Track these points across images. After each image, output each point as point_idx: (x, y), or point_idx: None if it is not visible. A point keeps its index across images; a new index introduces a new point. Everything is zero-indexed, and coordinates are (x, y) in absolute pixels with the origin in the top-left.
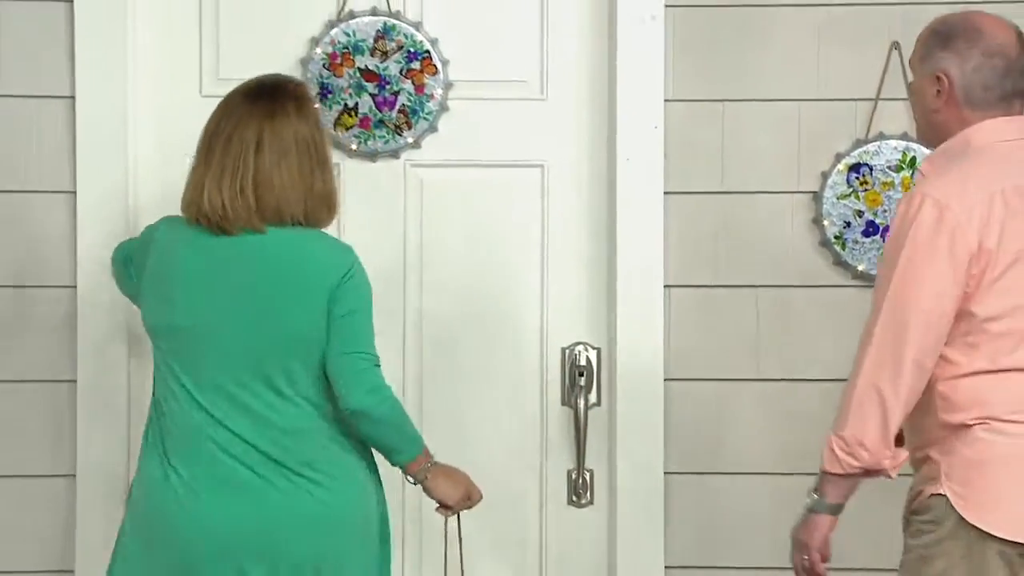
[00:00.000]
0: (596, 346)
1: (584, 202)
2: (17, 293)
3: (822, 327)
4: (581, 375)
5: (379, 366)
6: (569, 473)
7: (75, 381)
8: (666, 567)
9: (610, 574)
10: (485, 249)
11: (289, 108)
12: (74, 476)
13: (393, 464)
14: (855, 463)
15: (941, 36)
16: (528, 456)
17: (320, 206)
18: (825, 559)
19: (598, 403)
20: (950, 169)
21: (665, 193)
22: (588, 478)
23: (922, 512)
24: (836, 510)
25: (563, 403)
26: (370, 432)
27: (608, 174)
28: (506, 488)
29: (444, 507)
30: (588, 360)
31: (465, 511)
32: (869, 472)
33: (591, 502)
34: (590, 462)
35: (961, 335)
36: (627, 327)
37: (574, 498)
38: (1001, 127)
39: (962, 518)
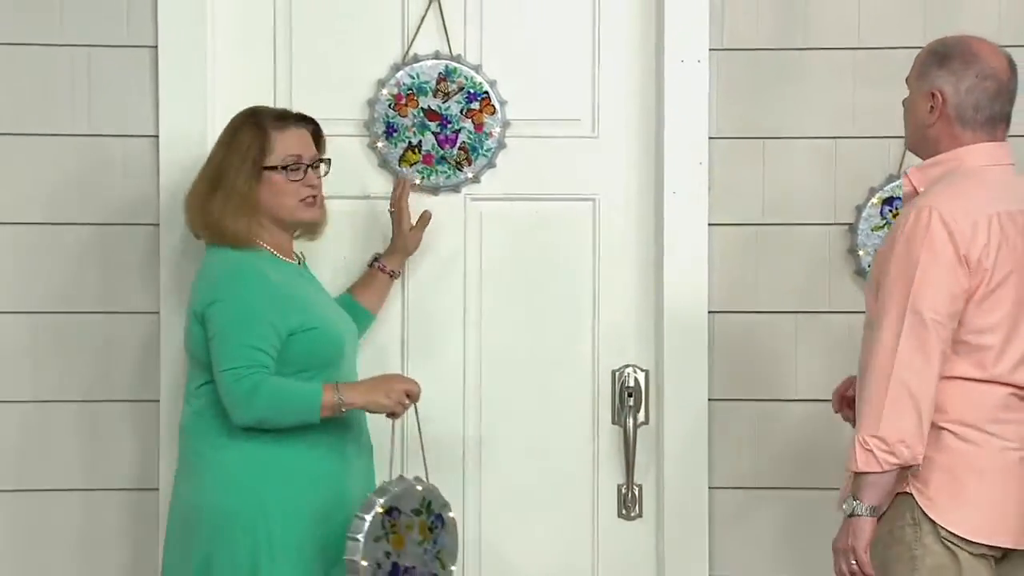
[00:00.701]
0: (644, 368)
1: (633, 233)
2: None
3: (857, 351)
4: (630, 395)
5: (241, 378)
6: (619, 488)
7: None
8: None
9: None
10: (540, 278)
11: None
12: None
13: (320, 421)
14: (895, 460)
15: (939, 56)
16: (580, 471)
17: (213, 225)
18: (866, 568)
19: (646, 422)
20: (949, 186)
21: (709, 225)
22: (637, 492)
23: (898, 515)
24: (876, 512)
25: (613, 422)
26: (275, 426)
27: (656, 207)
28: (560, 501)
29: (389, 415)
30: (637, 381)
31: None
32: (905, 467)
33: (640, 515)
34: (639, 477)
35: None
36: (673, 350)
37: (624, 511)
38: (993, 152)
39: (932, 521)
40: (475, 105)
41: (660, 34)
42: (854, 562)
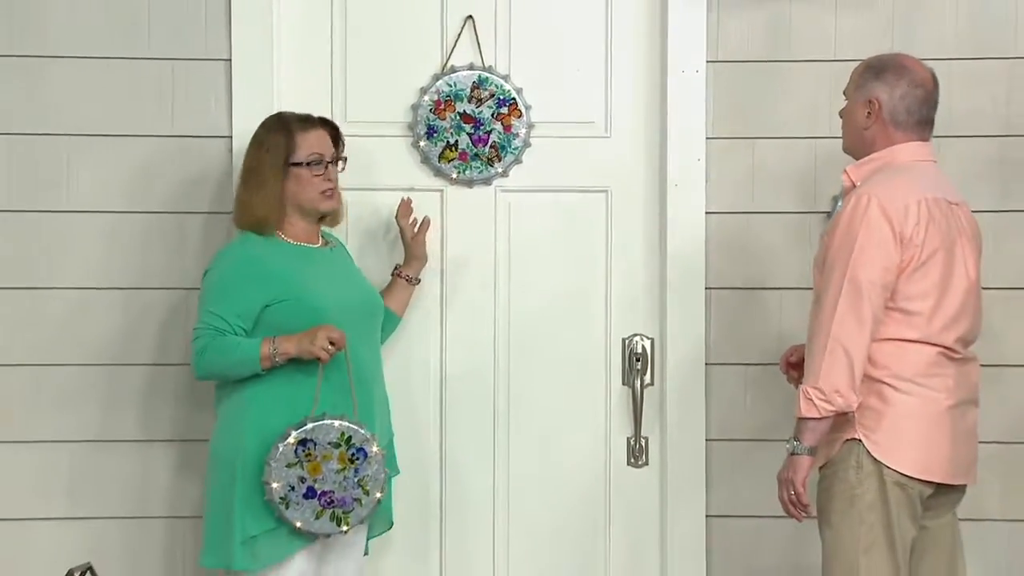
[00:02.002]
0: (650, 336)
1: (640, 220)
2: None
3: None
4: (638, 360)
5: (198, 330)
6: (628, 439)
7: None
8: (707, 516)
9: (661, 523)
10: (560, 258)
11: None
12: None
13: (263, 370)
14: (831, 408)
15: (875, 70)
16: (595, 426)
17: (237, 215)
18: (803, 499)
19: (652, 383)
20: (884, 177)
21: (706, 213)
22: (644, 444)
23: (842, 459)
24: (813, 451)
25: (623, 383)
26: (226, 377)
27: (660, 197)
28: (577, 451)
29: (318, 360)
30: (643, 348)
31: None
32: (839, 414)
33: (646, 463)
34: (645, 430)
35: (885, 308)
36: (675, 321)
37: (632, 460)
38: (919, 149)
39: (876, 460)
40: (504, 109)
41: (664, 48)
42: (793, 492)
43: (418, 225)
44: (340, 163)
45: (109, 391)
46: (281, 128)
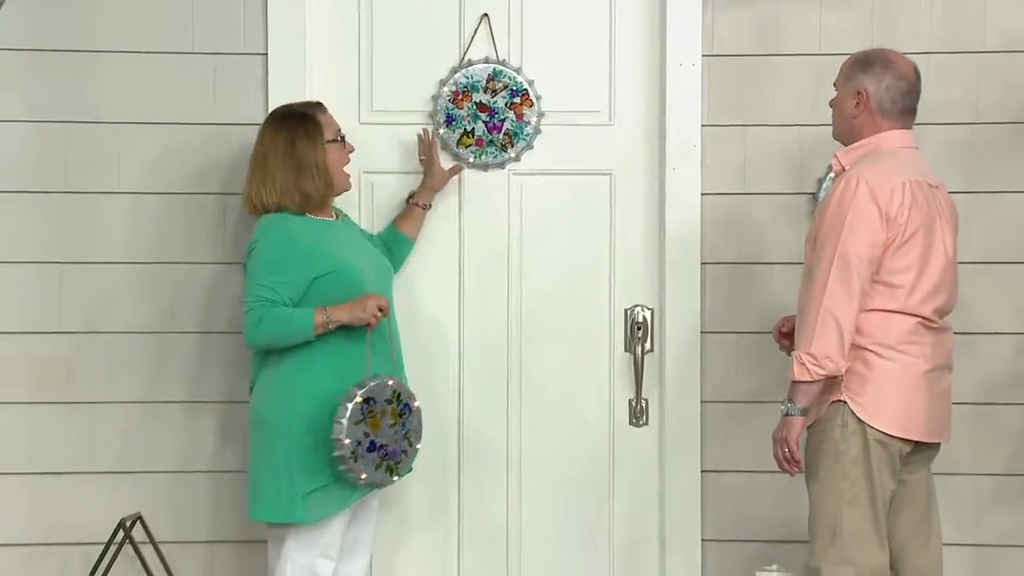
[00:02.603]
0: (650, 307)
1: (641, 201)
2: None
3: None
4: (639, 329)
5: (251, 304)
6: (630, 401)
7: None
8: (702, 471)
9: (660, 477)
10: (568, 236)
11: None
12: None
13: (316, 337)
14: (822, 371)
15: (863, 63)
16: (599, 389)
17: (259, 201)
18: (796, 455)
19: (651, 350)
20: (872, 162)
21: (702, 194)
22: (644, 405)
23: (829, 418)
24: (805, 412)
25: (625, 350)
26: (282, 345)
27: (659, 180)
28: (583, 413)
29: (367, 325)
30: (644, 318)
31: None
32: (830, 378)
33: (646, 423)
34: (646, 393)
35: (871, 282)
36: (673, 293)
37: (634, 420)
38: (903, 137)
39: (860, 420)
40: (517, 100)
41: (663, 43)
42: (787, 449)
43: (449, 167)
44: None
45: (158, 357)
46: (297, 116)
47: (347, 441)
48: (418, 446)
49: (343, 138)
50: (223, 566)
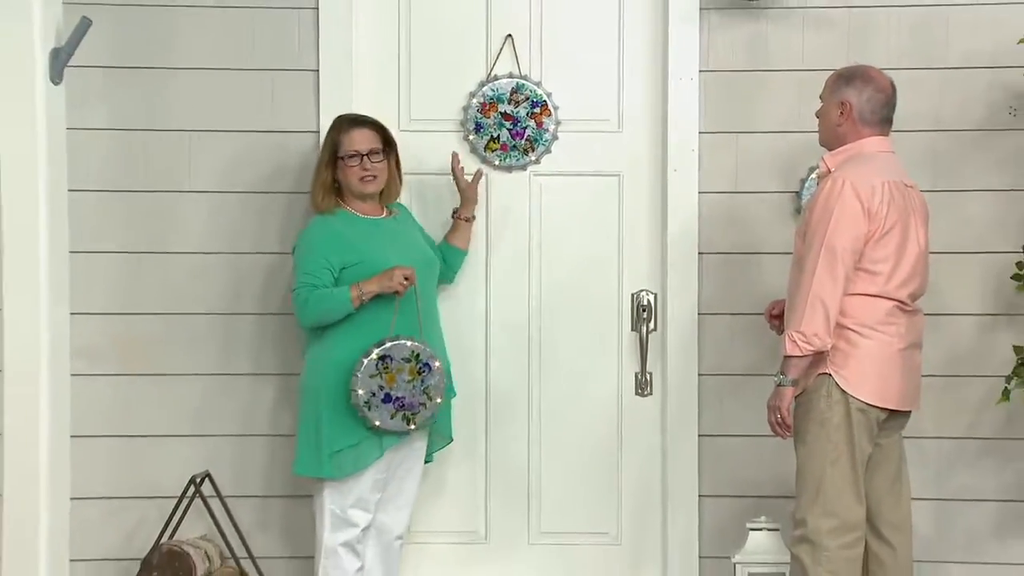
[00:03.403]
0: (654, 292)
1: (646, 199)
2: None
3: None
4: (644, 311)
5: (298, 288)
6: (636, 374)
7: None
8: (699, 435)
9: (662, 440)
10: (583, 230)
11: None
12: None
13: (356, 309)
14: (810, 347)
15: (845, 78)
16: (609, 363)
17: (311, 198)
18: (787, 421)
19: (655, 329)
20: (855, 164)
21: (699, 193)
22: (649, 378)
23: (816, 389)
24: (795, 383)
25: (632, 329)
26: (328, 320)
27: (662, 180)
28: (595, 384)
29: (395, 293)
30: (648, 301)
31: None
32: (817, 354)
33: (651, 393)
34: (650, 367)
35: (854, 269)
36: (674, 279)
37: (639, 391)
38: (881, 143)
39: (843, 391)
40: (537, 110)
41: (665, 60)
42: (779, 415)
43: (472, 176)
44: (379, 155)
45: (225, 335)
46: (334, 129)
47: (360, 392)
48: (438, 400)
49: (359, 154)
50: (278, 516)
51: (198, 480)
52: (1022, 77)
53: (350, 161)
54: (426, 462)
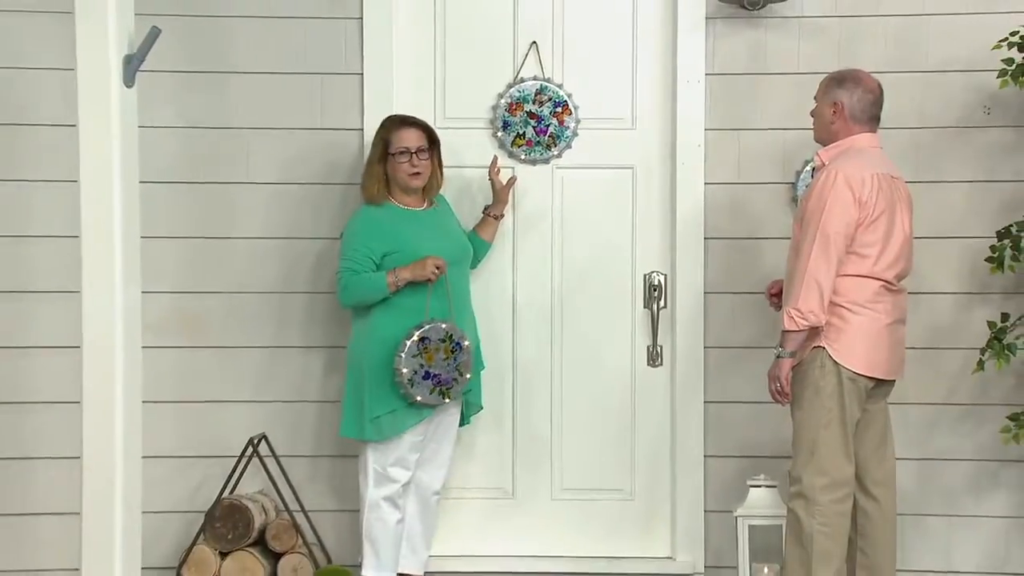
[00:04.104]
0: (664, 272)
1: (656, 189)
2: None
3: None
4: (655, 290)
5: (340, 273)
6: (648, 347)
7: None
8: (704, 402)
9: (671, 407)
10: (600, 217)
11: None
12: None
13: (392, 293)
14: (806, 323)
15: (838, 80)
16: (624, 337)
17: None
18: (785, 389)
19: (665, 306)
20: (847, 159)
21: (705, 184)
22: (659, 350)
23: (811, 360)
24: (792, 355)
25: (644, 306)
26: (366, 302)
27: (671, 172)
28: (610, 356)
29: (427, 281)
30: (659, 281)
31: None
32: (813, 328)
33: (661, 364)
34: (660, 340)
35: (846, 252)
36: (682, 262)
37: (651, 362)
38: (871, 139)
39: (835, 362)
40: (559, 109)
41: (674, 65)
42: (778, 384)
43: (506, 180)
44: (426, 153)
45: (279, 312)
46: (386, 127)
47: (404, 370)
48: (468, 375)
49: (409, 151)
50: (326, 474)
51: (255, 441)
52: (995, 80)
53: (400, 158)
54: (461, 426)
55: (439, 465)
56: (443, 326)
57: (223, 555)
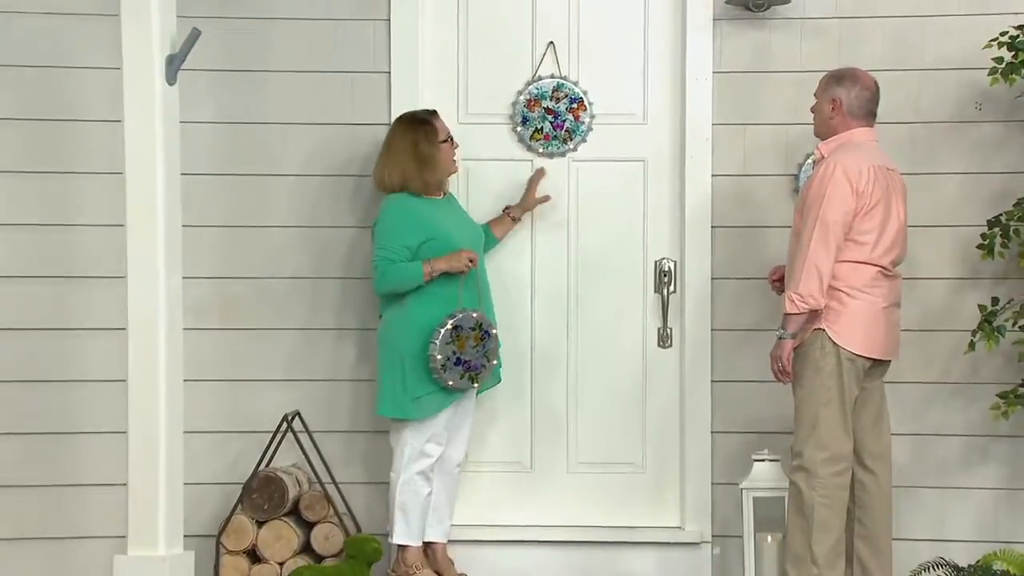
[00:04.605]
0: (674, 259)
1: (666, 180)
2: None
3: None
4: (665, 275)
5: (377, 262)
6: (658, 329)
7: None
8: (712, 381)
9: (680, 385)
10: (613, 207)
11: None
12: None
13: (425, 282)
14: (806, 306)
15: (836, 78)
16: (636, 320)
17: (388, 181)
18: (787, 368)
19: (675, 291)
20: (845, 152)
21: (712, 175)
22: (669, 332)
23: (812, 342)
24: (794, 336)
25: (655, 291)
26: (400, 290)
27: (680, 165)
28: (623, 338)
29: (459, 272)
30: (669, 267)
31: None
32: (813, 311)
33: (671, 345)
34: (670, 323)
35: (844, 240)
36: (691, 248)
37: (661, 343)
38: (868, 133)
39: (835, 343)
40: (575, 105)
41: (683, 64)
42: (780, 364)
43: (540, 195)
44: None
45: (312, 296)
46: (421, 120)
47: (439, 357)
48: (494, 362)
49: (451, 138)
50: (357, 449)
51: (290, 418)
52: (986, 77)
53: (447, 145)
54: (478, 395)
55: (461, 440)
56: (474, 315)
57: (259, 524)
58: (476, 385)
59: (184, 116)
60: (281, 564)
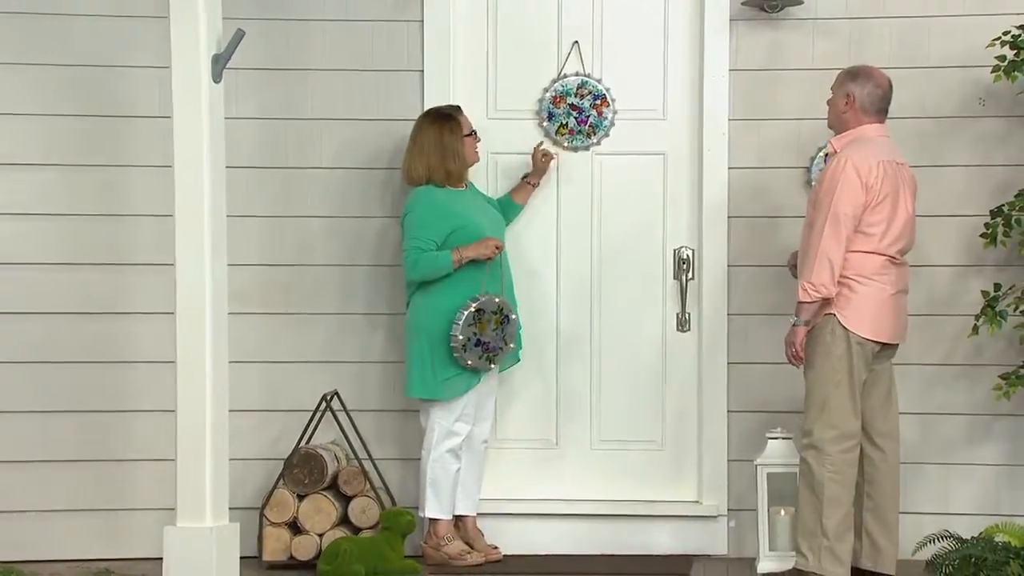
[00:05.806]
0: (692, 248)
1: (685, 173)
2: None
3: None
4: (684, 263)
5: (409, 252)
6: (677, 314)
7: None
8: (728, 363)
9: (698, 367)
10: (634, 198)
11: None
12: None
13: (455, 270)
14: (818, 295)
15: (851, 75)
16: (656, 305)
17: (416, 174)
18: (800, 354)
19: (693, 278)
20: (857, 147)
21: (729, 168)
22: (688, 317)
23: (823, 327)
24: (807, 323)
25: (674, 278)
26: (432, 277)
27: (698, 158)
28: (644, 322)
29: (487, 259)
30: (688, 255)
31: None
32: (825, 300)
33: (689, 329)
34: (689, 308)
35: (854, 231)
36: (709, 237)
37: (680, 327)
38: (879, 129)
39: (845, 328)
40: (598, 102)
41: (701, 61)
42: (793, 349)
43: (545, 156)
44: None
45: (346, 283)
46: (446, 115)
47: (460, 337)
48: (512, 345)
49: (474, 132)
50: (390, 427)
51: (328, 397)
52: (989, 75)
53: (471, 139)
54: (501, 372)
55: (485, 418)
56: (496, 300)
57: (300, 497)
58: (494, 366)
59: (229, 112)
60: (320, 535)
